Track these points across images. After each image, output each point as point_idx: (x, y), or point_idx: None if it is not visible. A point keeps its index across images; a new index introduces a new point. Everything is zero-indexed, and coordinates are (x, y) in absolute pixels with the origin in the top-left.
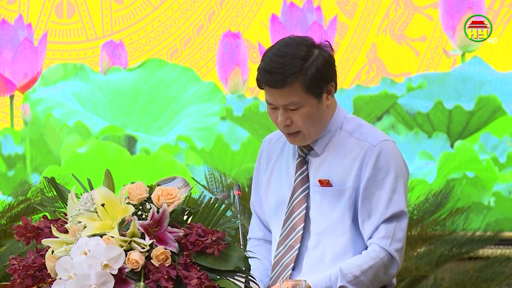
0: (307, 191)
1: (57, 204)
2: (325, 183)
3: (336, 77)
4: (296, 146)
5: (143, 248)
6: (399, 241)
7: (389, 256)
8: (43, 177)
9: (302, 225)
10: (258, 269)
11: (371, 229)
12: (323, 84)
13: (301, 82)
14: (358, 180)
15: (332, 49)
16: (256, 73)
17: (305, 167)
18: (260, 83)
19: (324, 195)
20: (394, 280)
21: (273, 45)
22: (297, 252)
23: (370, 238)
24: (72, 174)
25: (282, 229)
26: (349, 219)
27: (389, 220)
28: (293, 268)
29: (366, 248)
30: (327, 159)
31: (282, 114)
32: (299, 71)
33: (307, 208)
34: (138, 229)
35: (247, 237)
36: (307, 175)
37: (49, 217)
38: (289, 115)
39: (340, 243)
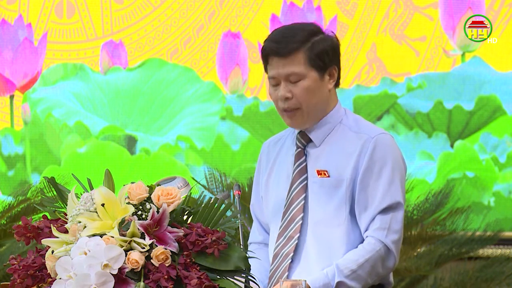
0: (305, 182)
1: (57, 204)
2: (323, 174)
3: (340, 64)
4: (295, 140)
5: (143, 248)
6: (395, 232)
7: (385, 248)
8: (43, 177)
9: (301, 215)
10: (258, 270)
11: (367, 220)
12: (327, 60)
13: (306, 53)
14: (355, 172)
15: (337, 39)
16: (256, 73)
17: (303, 158)
18: (266, 52)
19: (321, 186)
20: (392, 279)
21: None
22: (296, 242)
23: (366, 230)
24: (72, 174)
25: (281, 220)
26: (346, 210)
27: (385, 211)
28: (292, 259)
29: (362, 240)
30: (325, 150)
31: (283, 88)
32: (304, 41)
33: (306, 199)
34: (138, 229)
35: (248, 241)
36: (306, 166)
37: (49, 217)
38: (290, 88)
39: (336, 233)
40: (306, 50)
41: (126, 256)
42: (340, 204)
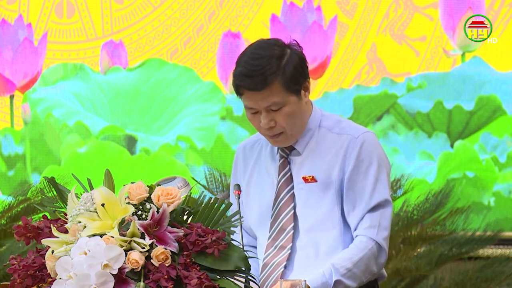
0: (292, 191)
1: (57, 204)
2: (309, 180)
3: (309, 74)
4: (276, 148)
5: (143, 248)
6: (385, 229)
7: (377, 245)
8: (43, 177)
9: (292, 224)
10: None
11: (356, 219)
12: (301, 80)
13: (281, 81)
14: (342, 172)
15: (300, 47)
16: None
17: (288, 167)
18: (240, 88)
19: (310, 192)
20: (385, 272)
21: (245, 50)
22: (289, 251)
23: (355, 229)
24: (72, 174)
25: (270, 231)
26: (338, 212)
27: (373, 209)
28: (286, 267)
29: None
30: (309, 156)
31: (265, 117)
32: (277, 71)
33: (294, 207)
34: (138, 229)
35: None
36: (291, 175)
37: (49, 217)
38: (272, 117)
39: (331, 236)
40: (280, 78)
41: (126, 256)
42: (331, 206)
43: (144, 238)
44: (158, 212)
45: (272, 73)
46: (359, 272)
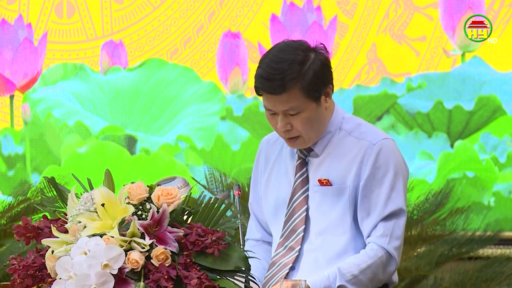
0: (307, 193)
1: (57, 204)
2: (324, 183)
3: (332, 79)
4: (295, 148)
5: (143, 248)
6: (397, 239)
7: (388, 255)
8: (43, 177)
9: (303, 226)
10: (257, 268)
11: (369, 227)
12: (322, 87)
13: (300, 87)
14: (358, 179)
15: (327, 51)
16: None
17: (305, 168)
18: (259, 90)
19: (324, 195)
20: (396, 278)
21: (268, 51)
22: (297, 254)
23: (368, 236)
24: (72, 174)
25: (282, 230)
26: (350, 218)
27: (387, 218)
28: (293, 268)
29: (365, 246)
30: (326, 159)
31: (281, 120)
32: (297, 76)
33: (307, 210)
34: (138, 229)
35: (245, 237)
36: (307, 176)
37: (49, 217)
38: (289, 120)
39: (341, 241)
40: (299, 84)
41: (126, 256)
42: (344, 211)
43: (144, 238)
44: (158, 212)
45: (291, 79)
46: (366, 279)
